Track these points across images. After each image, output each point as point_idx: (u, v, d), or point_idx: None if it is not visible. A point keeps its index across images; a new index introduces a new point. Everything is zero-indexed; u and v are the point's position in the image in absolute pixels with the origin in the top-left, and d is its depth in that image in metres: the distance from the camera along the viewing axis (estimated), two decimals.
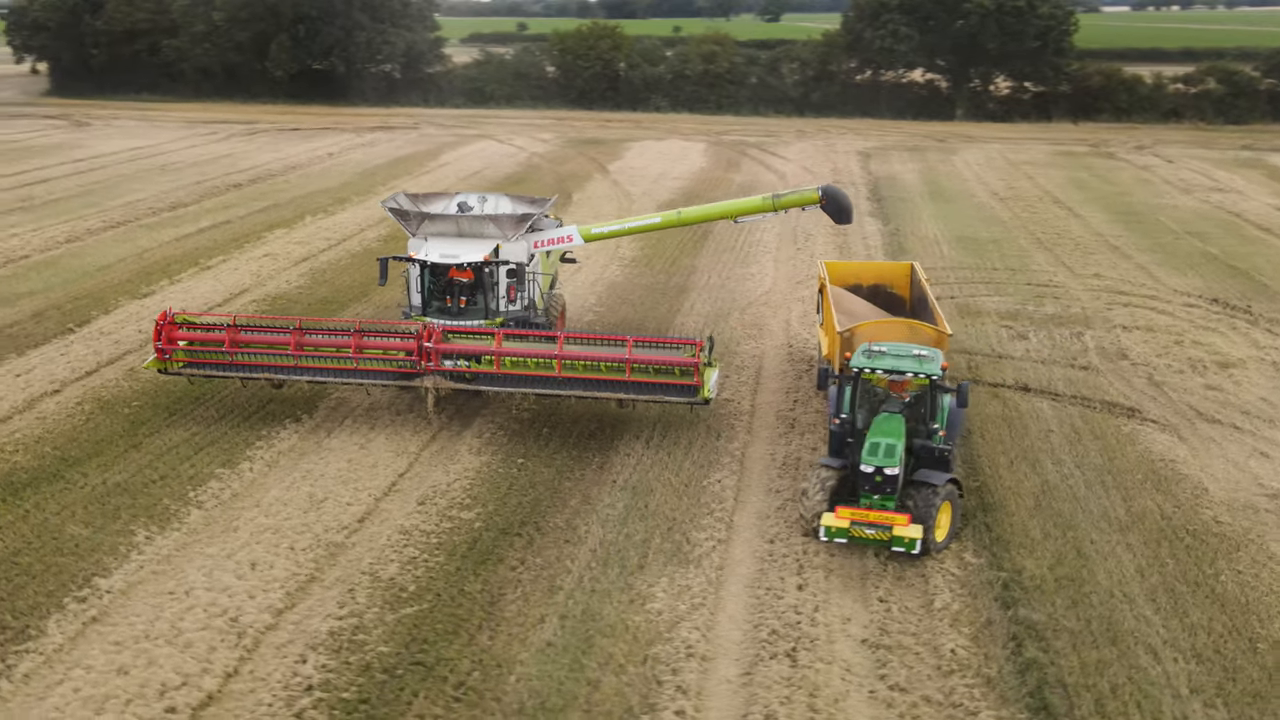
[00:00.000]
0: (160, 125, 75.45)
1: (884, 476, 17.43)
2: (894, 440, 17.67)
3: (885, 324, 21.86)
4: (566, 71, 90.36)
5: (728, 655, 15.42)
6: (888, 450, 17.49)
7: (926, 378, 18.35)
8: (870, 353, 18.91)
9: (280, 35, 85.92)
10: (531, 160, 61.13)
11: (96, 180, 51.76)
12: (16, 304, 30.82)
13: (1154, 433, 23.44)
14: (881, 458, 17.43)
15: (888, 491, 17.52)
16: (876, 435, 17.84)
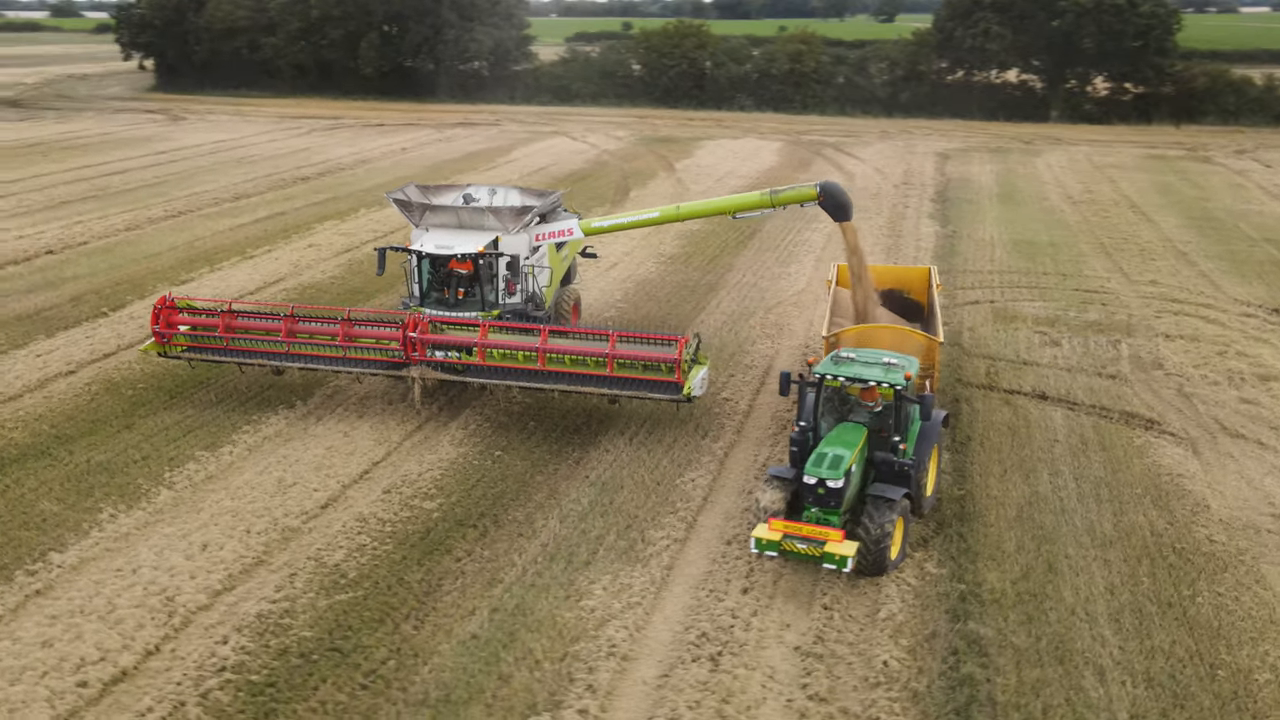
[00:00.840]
0: (251, 120, 77.54)
1: (827, 489, 16.54)
2: (844, 451, 16.86)
3: (873, 329, 21.22)
4: (652, 70, 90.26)
5: (651, 656, 15.10)
6: (833, 461, 16.67)
7: (890, 387, 17.57)
8: (838, 359, 18.30)
9: (371, 33, 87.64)
10: (600, 157, 61.18)
11: (173, 171, 53.36)
12: (61, 288, 31.87)
13: (1168, 446, 22.36)
14: (825, 469, 16.58)
15: (831, 505, 16.66)
16: (827, 445, 17.08)
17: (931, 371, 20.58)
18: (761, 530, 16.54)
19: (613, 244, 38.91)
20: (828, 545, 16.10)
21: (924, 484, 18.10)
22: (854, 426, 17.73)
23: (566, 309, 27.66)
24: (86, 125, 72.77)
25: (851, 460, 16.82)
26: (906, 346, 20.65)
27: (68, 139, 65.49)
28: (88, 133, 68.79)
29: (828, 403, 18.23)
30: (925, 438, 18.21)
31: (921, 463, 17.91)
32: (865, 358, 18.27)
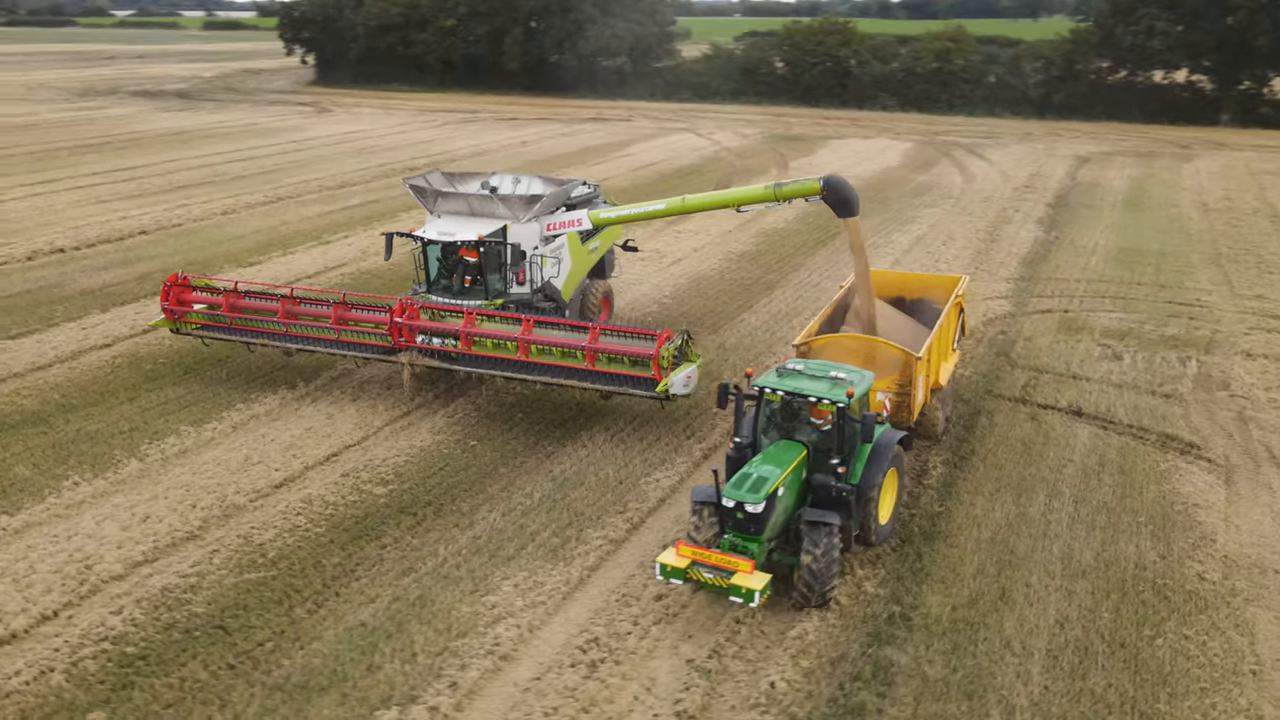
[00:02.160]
0: (393, 113, 79.80)
1: (746, 514, 15.08)
2: (770, 473, 15.52)
3: (846, 339, 20.00)
4: (795, 68, 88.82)
5: (531, 658, 14.56)
6: (756, 484, 15.31)
7: (832, 404, 16.35)
8: (783, 371, 17.13)
9: (515, 29, 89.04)
10: (718, 154, 60.43)
11: (293, 160, 55.27)
12: (134, 266, 33.27)
13: (1197, 472, 20.44)
14: (745, 492, 15.06)
15: (751, 531, 15.18)
16: (754, 465, 15.81)
17: (909, 389, 19.19)
18: (668, 555, 15.12)
19: (680, 241, 38.41)
20: (735, 577, 14.61)
21: (873, 511, 16.77)
22: (791, 445, 16.40)
23: (595, 302, 27.23)
24: (237, 116, 76.22)
25: (778, 483, 15.39)
26: (881, 360, 19.37)
27: (214, 128, 68.69)
28: (234, 122, 72.02)
29: (771, 418, 17.08)
30: (875, 461, 16.76)
31: (868, 488, 16.53)
32: (813, 371, 17.01)
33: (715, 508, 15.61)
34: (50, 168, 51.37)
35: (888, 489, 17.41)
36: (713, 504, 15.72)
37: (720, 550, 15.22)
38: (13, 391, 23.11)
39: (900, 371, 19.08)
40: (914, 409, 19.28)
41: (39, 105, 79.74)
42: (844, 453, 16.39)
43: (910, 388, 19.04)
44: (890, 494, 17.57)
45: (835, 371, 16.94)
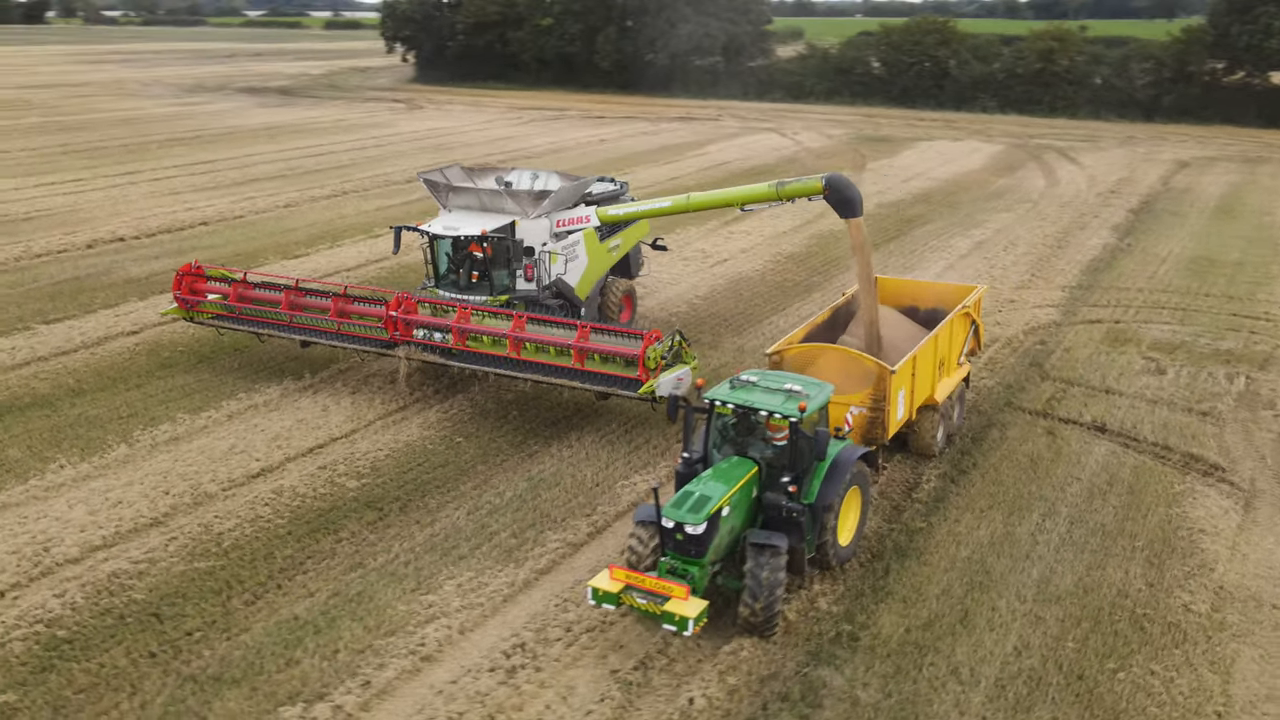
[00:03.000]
0: (482, 110, 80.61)
1: (686, 535, 14.29)
2: (713, 492, 14.77)
3: (819, 350, 19.20)
4: (891, 68, 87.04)
5: (454, 660, 14.28)
6: (697, 503, 14.54)
7: (784, 419, 15.58)
8: (736, 383, 16.38)
9: (609, 27, 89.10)
10: (796, 154, 59.48)
11: (369, 155, 56.14)
12: (184, 256, 33.93)
13: (1214, 496, 19.20)
14: (685, 512, 14.20)
15: (692, 554, 14.33)
16: (698, 483, 15.09)
17: (883, 404, 18.31)
18: (600, 579, 14.31)
19: (729, 241, 37.84)
20: (669, 603, 13.74)
21: (830, 532, 15.97)
22: (741, 462, 15.64)
23: (614, 301, 26.87)
24: (330, 112, 77.82)
25: (722, 503, 14.65)
26: (854, 373, 18.54)
27: (304, 124, 70.20)
28: (325, 118, 73.53)
29: (725, 433, 16.39)
30: (832, 479, 15.90)
31: (824, 508, 15.73)
32: (768, 383, 16.24)
33: (657, 528, 14.99)
34: (138, 160, 53.04)
35: (849, 509, 16.64)
36: (654, 524, 15.02)
37: (658, 574, 14.58)
38: (31, 375, 23.73)
39: (874, 386, 18.23)
40: (888, 426, 18.37)
41: (146, 100, 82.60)
42: (797, 470, 15.65)
43: (884, 403, 18.15)
44: (852, 514, 16.78)
45: (790, 384, 16.18)
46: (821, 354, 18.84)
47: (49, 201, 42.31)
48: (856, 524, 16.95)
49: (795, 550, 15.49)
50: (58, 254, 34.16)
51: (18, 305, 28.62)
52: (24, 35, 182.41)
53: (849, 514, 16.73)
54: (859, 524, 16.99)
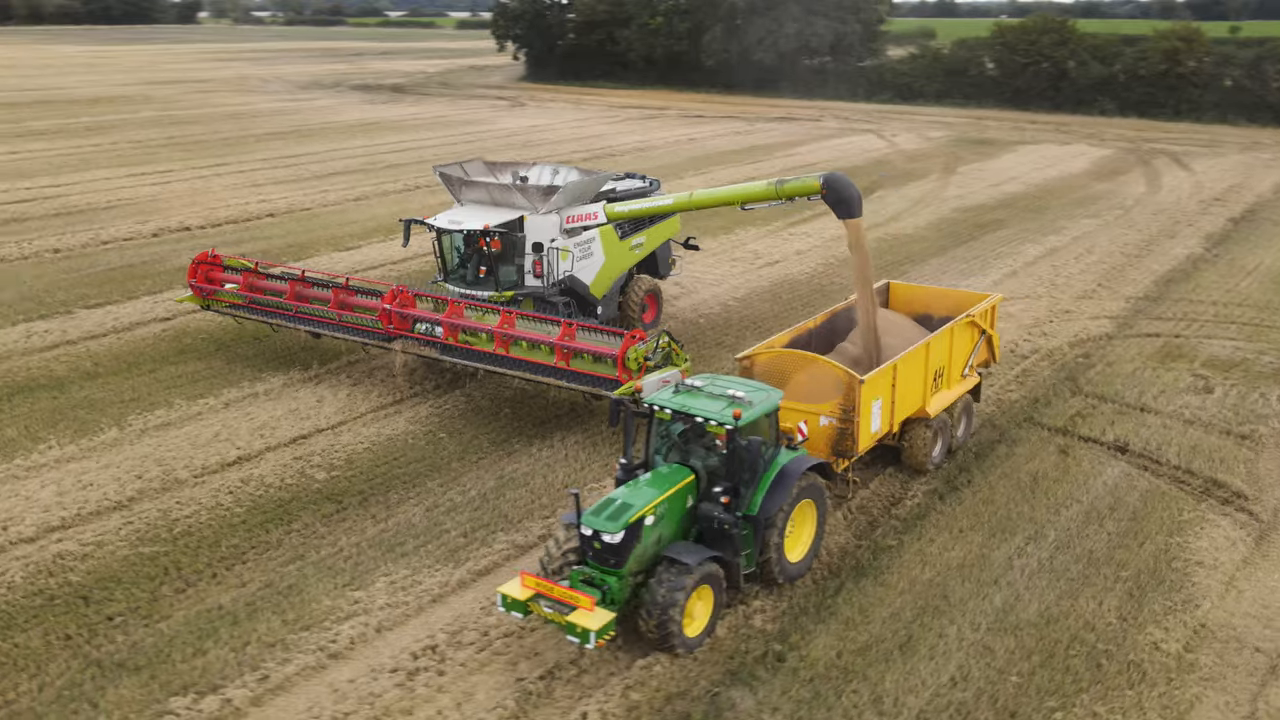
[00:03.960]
0: (582, 108, 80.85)
1: (603, 543, 13.86)
2: (637, 500, 14.20)
3: (788, 356, 18.33)
4: (1006, 69, 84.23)
5: (360, 659, 14.05)
6: (617, 511, 14.01)
7: (719, 425, 14.83)
8: (680, 388, 15.69)
9: (715, 26, 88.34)
10: (887, 156, 57.96)
11: (455, 151, 56.63)
12: (240, 246, 34.76)
13: (1225, 527, 17.81)
14: (603, 519, 13.79)
15: (610, 564, 13.90)
16: (624, 490, 14.58)
17: (853, 414, 17.37)
18: (511, 586, 13.91)
19: (788, 242, 37.04)
20: (574, 614, 13.27)
21: (774, 546, 15.18)
22: (677, 470, 15.01)
23: (636, 301, 26.40)
24: (432, 108, 79.03)
25: (645, 511, 14.04)
26: (824, 380, 17.66)
27: (403, 120, 71.41)
28: (425, 115, 74.68)
29: (666, 438, 15.71)
30: (777, 491, 15.11)
31: (766, 520, 14.98)
32: (714, 388, 15.56)
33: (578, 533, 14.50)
34: (232, 153, 54.60)
35: (802, 523, 15.87)
36: (576, 528, 14.52)
37: (569, 582, 14.09)
38: (54, 357, 24.43)
39: (843, 395, 17.34)
40: (858, 439, 17.43)
41: (260, 96, 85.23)
42: (735, 480, 14.95)
43: (854, 414, 17.24)
44: (805, 529, 15.99)
45: (735, 389, 15.47)
46: (791, 360, 18.03)
47: (134, 191, 43.79)
48: (811, 539, 16.14)
49: (730, 565, 14.78)
50: (123, 241, 35.24)
51: (66, 290, 29.56)
52: (172, 34, 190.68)
53: (802, 528, 15.95)
54: (814, 540, 16.18)
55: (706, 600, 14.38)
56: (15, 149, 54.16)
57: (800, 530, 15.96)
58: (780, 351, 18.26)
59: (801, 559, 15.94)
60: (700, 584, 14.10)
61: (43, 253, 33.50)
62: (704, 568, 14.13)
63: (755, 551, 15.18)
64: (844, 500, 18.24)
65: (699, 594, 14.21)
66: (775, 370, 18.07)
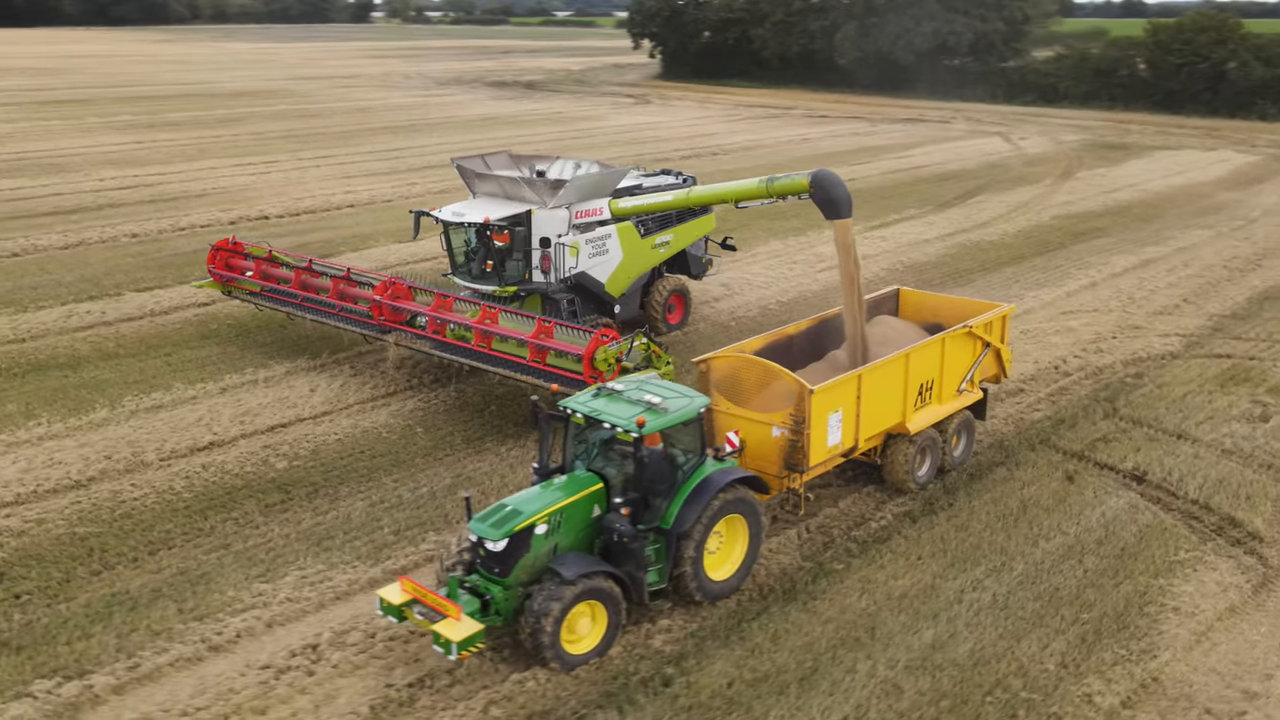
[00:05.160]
0: (707, 106, 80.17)
1: (488, 551, 13.34)
2: (527, 507, 13.58)
3: (742, 360, 17.26)
4: (1158, 70, 79.67)
5: (239, 654, 13.82)
6: (503, 519, 13.40)
7: (625, 432, 13.92)
8: (600, 391, 14.90)
9: (849, 25, 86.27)
10: (1003, 161, 55.40)
11: (559, 146, 56.44)
12: (306, 235, 35.44)
13: (1224, 571, 16.10)
14: (488, 526, 13.26)
15: (495, 572, 13.39)
16: (519, 496, 14.01)
17: (804, 426, 16.22)
18: (390, 590, 13.48)
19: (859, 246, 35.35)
20: (440, 623, 12.74)
21: (690, 561, 14.28)
22: (584, 478, 14.31)
23: (659, 300, 25.69)
24: (554, 105, 79.57)
25: (533, 520, 13.41)
26: (777, 390, 16.58)
27: (520, 115, 72.06)
28: (543, 111, 75.20)
29: (584, 444, 14.95)
30: (694, 503, 14.23)
31: (680, 535, 14.13)
32: (634, 393, 14.72)
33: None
34: (341, 145, 55.95)
35: (731, 539, 14.98)
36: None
37: (446, 589, 13.56)
38: (82, 338, 25.21)
39: (794, 405, 16.25)
40: (808, 453, 16.29)
41: (395, 91, 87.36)
42: (642, 491, 14.13)
43: (805, 426, 16.13)
44: (735, 545, 15.07)
45: (656, 395, 14.63)
46: (745, 366, 17.04)
47: (231, 180, 45.20)
48: (742, 557, 15.19)
49: (633, 578, 13.99)
50: (200, 228, 36.28)
51: (124, 273, 30.55)
52: (341, 33, 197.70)
53: (731, 545, 15.05)
54: (746, 557, 15.23)
55: (598, 617, 13.63)
56: (142, 139, 56.69)
57: (730, 547, 15.06)
58: (734, 356, 17.29)
59: (729, 578, 15.02)
60: (583, 599, 13.35)
61: (120, 237, 34.71)
62: (589, 582, 13.37)
63: (667, 567, 14.33)
64: (796, 518, 17.15)
65: (586, 609, 13.50)
66: (730, 377, 17.14)
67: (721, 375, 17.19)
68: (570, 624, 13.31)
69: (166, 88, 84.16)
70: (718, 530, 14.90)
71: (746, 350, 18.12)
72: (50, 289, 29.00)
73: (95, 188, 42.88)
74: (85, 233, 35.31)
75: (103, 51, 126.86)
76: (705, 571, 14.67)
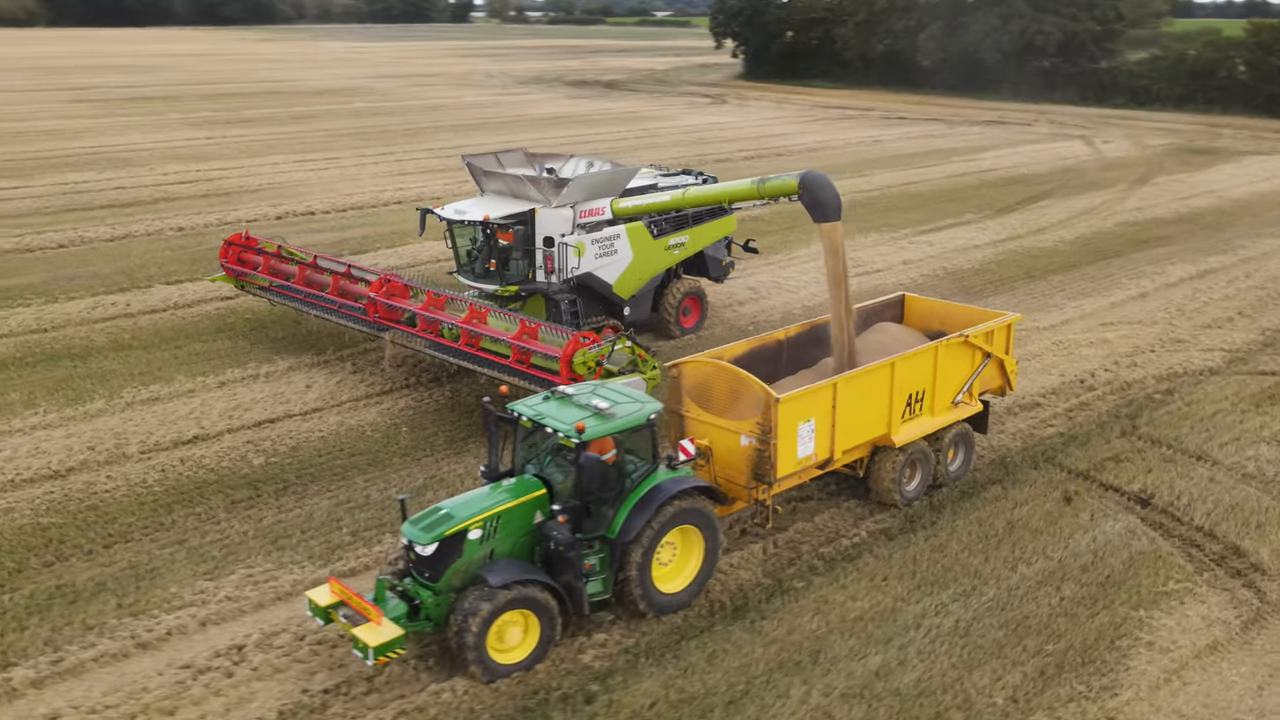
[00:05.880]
0: (783, 107, 79.16)
1: (418, 555, 13.11)
2: (461, 511, 13.26)
3: (712, 366, 16.62)
4: (1259, 72, 76.35)
5: (165, 652, 13.74)
6: (435, 522, 13.10)
7: (566, 437, 13.51)
8: (552, 394, 14.50)
9: (933, 24, 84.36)
10: (1077, 166, 53.46)
11: (622, 145, 56.47)
12: (346, 232, 35.70)
13: (1211, 604, 15.11)
14: (418, 530, 13.01)
15: (426, 576, 13.14)
16: (456, 500, 13.72)
17: (770, 436, 15.55)
18: (319, 591, 13.28)
19: (904, 251, 34.74)
20: (360, 627, 12.49)
21: (634, 572, 13.80)
22: (526, 483, 13.92)
23: (673, 303, 25.17)
24: (628, 104, 79.33)
25: (465, 525, 13.07)
26: (744, 398, 15.92)
27: (590, 114, 71.91)
28: (615, 110, 75.00)
29: (535, 448, 14.54)
30: (640, 513, 13.76)
31: (623, 544, 13.69)
32: (585, 397, 14.27)
33: None
34: (404, 143, 56.40)
35: (685, 551, 14.52)
36: None
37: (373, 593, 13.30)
38: (100, 329, 25.60)
39: (761, 414, 15.61)
40: (775, 464, 15.64)
41: (473, 90, 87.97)
42: (583, 498, 13.68)
43: (771, 436, 15.49)
44: (690, 558, 14.58)
45: (605, 400, 14.17)
46: (715, 373, 16.43)
47: (288, 176, 45.81)
48: (696, 570, 14.65)
49: (571, 589, 13.57)
50: (246, 223, 36.66)
51: (160, 266, 31.01)
52: (439, 32, 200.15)
53: (686, 557, 14.59)
54: (700, 571, 14.70)
55: (530, 628, 13.23)
56: (214, 134, 57.89)
57: (685, 560, 14.58)
58: (705, 362, 16.69)
59: (680, 591, 14.53)
60: (513, 606, 12.96)
61: (166, 231, 35.32)
62: (516, 590, 12.96)
63: (612, 577, 13.87)
64: (764, 531, 16.52)
65: (519, 619, 13.14)
66: (702, 383, 16.57)
67: (693, 381, 16.63)
68: (500, 632, 12.97)
69: (252, 85, 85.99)
70: (671, 542, 14.42)
71: (725, 356, 17.52)
72: (85, 280, 29.55)
73: (155, 182, 43.79)
74: (133, 226, 36.00)
75: (203, 50, 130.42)
76: (654, 583, 14.20)
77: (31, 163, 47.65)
